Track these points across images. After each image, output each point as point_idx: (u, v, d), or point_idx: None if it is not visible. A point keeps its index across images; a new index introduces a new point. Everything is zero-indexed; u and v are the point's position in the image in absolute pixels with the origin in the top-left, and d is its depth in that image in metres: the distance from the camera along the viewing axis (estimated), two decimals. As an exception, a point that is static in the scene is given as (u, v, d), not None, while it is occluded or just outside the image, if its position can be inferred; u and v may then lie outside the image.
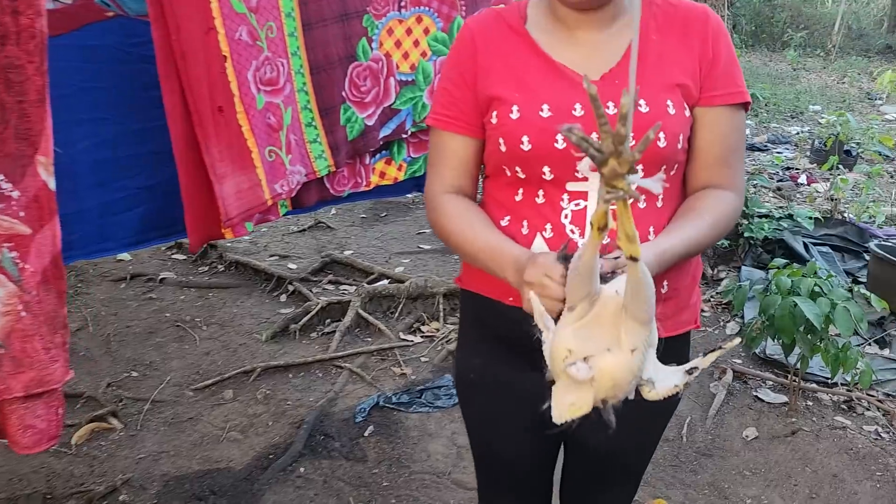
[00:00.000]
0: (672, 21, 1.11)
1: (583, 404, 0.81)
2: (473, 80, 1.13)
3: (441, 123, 1.17)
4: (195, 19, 1.76)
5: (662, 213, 1.10)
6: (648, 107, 1.05)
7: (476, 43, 1.14)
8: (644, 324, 0.81)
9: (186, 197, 1.89)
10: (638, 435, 1.26)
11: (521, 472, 1.31)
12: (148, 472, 2.23)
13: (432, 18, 2.29)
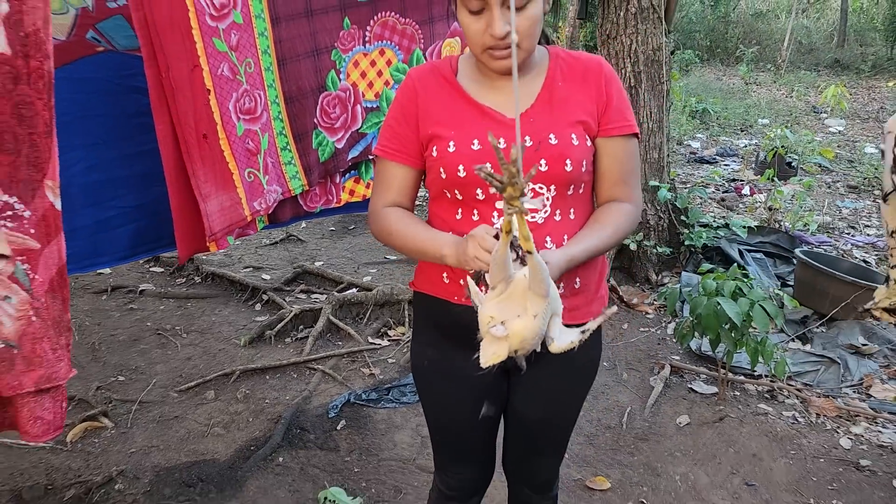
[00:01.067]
0: (574, 71, 1.39)
1: (501, 354, 1.08)
2: (415, 120, 1.40)
3: (385, 153, 1.43)
4: (183, 58, 2.00)
5: (575, 224, 1.38)
6: (557, 139, 1.33)
7: (417, 90, 1.40)
8: (542, 297, 1.08)
9: (175, 214, 2.12)
10: (561, 407, 1.53)
11: (469, 442, 1.58)
12: (140, 464, 2.45)
13: (394, 51, 2.56)
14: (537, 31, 1.31)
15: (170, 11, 1.92)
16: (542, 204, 1.32)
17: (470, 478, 1.63)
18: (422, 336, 1.54)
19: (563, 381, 1.48)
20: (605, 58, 4.04)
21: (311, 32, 2.32)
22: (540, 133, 1.33)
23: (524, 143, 1.31)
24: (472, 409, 1.51)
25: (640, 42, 3.90)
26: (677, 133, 8.28)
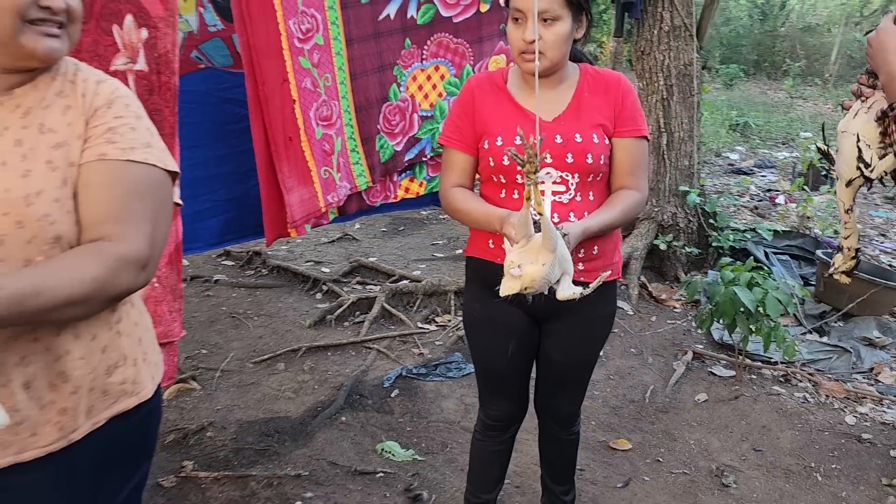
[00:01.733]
0: (598, 84, 1.78)
1: (515, 288, 1.44)
2: (472, 118, 1.79)
3: (449, 143, 1.83)
4: (275, 74, 2.41)
5: (594, 203, 1.76)
6: (581, 138, 1.71)
7: (475, 94, 1.81)
8: (550, 251, 1.43)
9: (265, 204, 2.53)
10: (579, 351, 1.90)
11: (508, 380, 1.95)
12: (225, 418, 2.87)
13: (447, 67, 2.95)
14: (563, 46, 1.69)
15: (266, 36, 2.34)
16: (546, 176, 1.72)
17: (507, 409, 2.00)
18: (471, 292, 1.93)
19: (581, 330, 1.85)
20: (639, 72, 4.40)
21: (378, 52, 2.72)
22: (568, 133, 1.71)
23: (555, 140, 1.70)
24: (507, 350, 1.88)
25: (671, 58, 4.23)
26: (716, 145, 8.51)
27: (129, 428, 1.24)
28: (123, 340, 1.22)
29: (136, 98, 1.26)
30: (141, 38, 1.96)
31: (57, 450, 1.13)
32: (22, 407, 1.09)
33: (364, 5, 2.60)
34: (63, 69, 1.19)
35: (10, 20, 1.06)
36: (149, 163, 1.15)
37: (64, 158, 1.11)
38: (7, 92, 1.13)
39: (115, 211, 1.11)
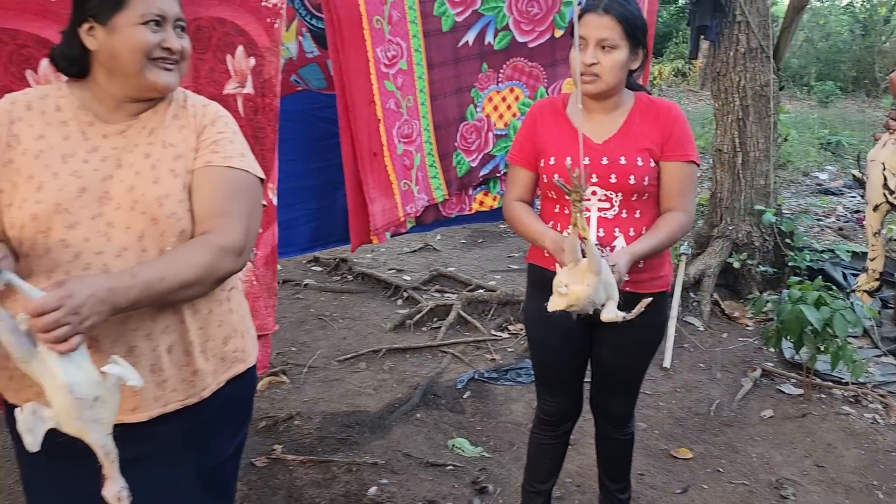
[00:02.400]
0: (650, 112, 1.93)
1: (561, 305, 1.61)
2: (533, 138, 1.99)
3: (514, 160, 2.04)
4: (363, 96, 2.66)
5: (640, 220, 1.91)
6: (626, 161, 1.87)
7: (536, 117, 2.01)
8: (595, 274, 1.59)
9: (351, 212, 2.78)
10: (629, 354, 2.05)
11: (561, 378, 2.11)
12: (311, 409, 3.14)
13: (521, 88, 3.14)
14: (619, 72, 1.85)
15: (356, 62, 2.59)
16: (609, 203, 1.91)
17: (560, 406, 2.16)
18: (530, 294, 2.11)
19: (631, 337, 1.97)
20: (714, 92, 4.46)
21: (457, 75, 2.94)
22: (613, 155, 1.88)
23: (601, 162, 1.87)
24: (560, 350, 2.05)
25: (747, 79, 4.28)
26: (804, 164, 8.32)
27: (239, 389, 1.50)
28: (234, 316, 1.48)
29: (233, 118, 1.53)
30: (249, 65, 2.25)
31: (191, 404, 1.40)
32: (166, 367, 1.35)
33: (445, 33, 2.82)
34: (175, 97, 1.47)
35: (139, 58, 1.33)
36: (244, 169, 1.42)
37: (183, 167, 1.38)
38: (135, 117, 1.41)
39: (218, 208, 1.37)
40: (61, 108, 1.37)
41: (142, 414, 1.34)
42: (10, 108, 1.36)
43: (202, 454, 1.46)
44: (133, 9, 1.32)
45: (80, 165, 1.33)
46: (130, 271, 1.22)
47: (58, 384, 1.11)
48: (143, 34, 1.32)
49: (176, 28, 1.38)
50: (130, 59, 1.33)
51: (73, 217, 1.29)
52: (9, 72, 1.82)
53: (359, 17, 2.53)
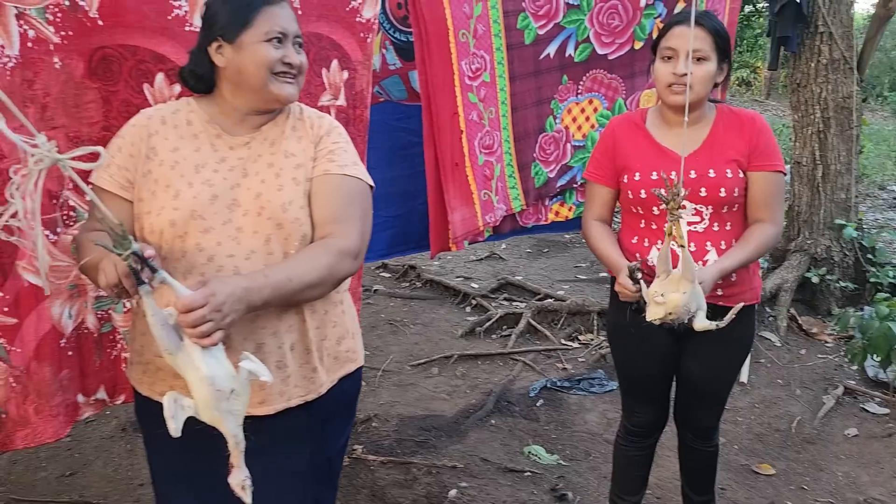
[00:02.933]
0: (733, 123, 1.93)
1: (659, 314, 1.64)
2: (613, 154, 2.00)
3: (592, 178, 2.06)
4: (447, 108, 2.72)
5: (730, 233, 1.91)
6: (715, 173, 1.87)
7: (616, 133, 2.02)
8: (689, 282, 1.62)
9: (431, 220, 2.84)
10: (717, 366, 2.04)
11: (650, 389, 2.12)
12: (387, 412, 3.21)
13: (600, 100, 3.16)
14: (708, 83, 1.87)
15: (442, 74, 2.65)
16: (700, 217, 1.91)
17: (649, 416, 2.16)
18: (617, 309, 2.08)
19: (719, 349, 1.99)
20: (794, 103, 4.38)
21: (537, 87, 2.98)
22: (702, 168, 1.88)
23: (689, 175, 1.88)
24: (650, 362, 2.05)
25: (829, 90, 4.19)
26: (880, 177, 8.06)
27: (349, 387, 1.57)
28: (346, 318, 1.55)
29: (343, 128, 1.61)
30: (343, 78, 2.34)
31: (310, 399, 1.47)
32: (289, 364, 1.43)
33: (527, 46, 2.87)
34: (292, 109, 1.56)
35: (264, 72, 1.42)
36: (357, 177, 1.49)
37: (303, 175, 1.46)
38: (257, 129, 1.50)
39: (336, 213, 1.44)
40: (192, 122, 1.47)
41: (268, 407, 1.43)
42: (147, 123, 1.47)
43: (315, 447, 1.54)
44: (258, 27, 1.41)
45: (211, 175, 1.42)
46: (263, 272, 1.30)
47: (200, 376, 1.19)
48: (266, 50, 1.41)
49: (295, 44, 1.47)
50: (256, 73, 1.41)
51: (206, 223, 1.38)
52: (129, 85, 1.94)
53: (446, 31, 2.59)
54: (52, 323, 1.92)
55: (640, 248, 1.96)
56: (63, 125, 1.87)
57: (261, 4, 1.41)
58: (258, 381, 1.26)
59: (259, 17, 1.41)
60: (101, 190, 1.44)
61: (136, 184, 1.44)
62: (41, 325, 1.92)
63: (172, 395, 1.23)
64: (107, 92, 1.91)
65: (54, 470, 2.73)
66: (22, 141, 1.01)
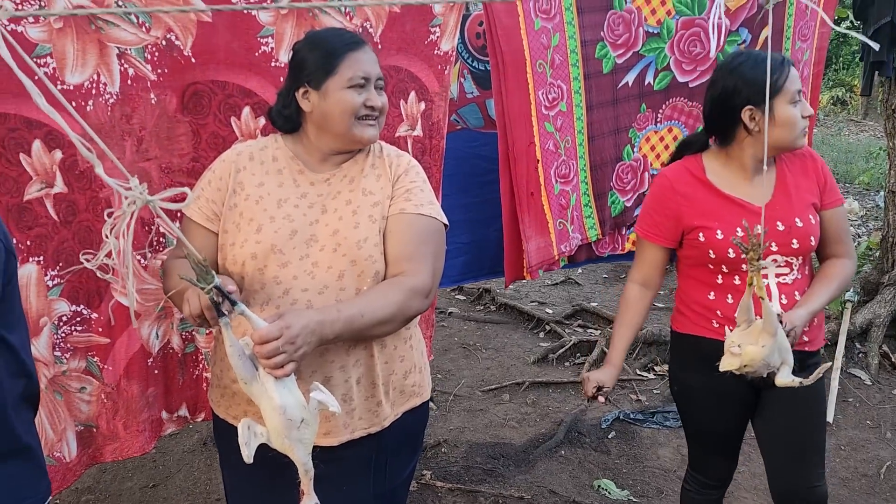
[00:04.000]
0: (795, 164, 1.86)
1: (734, 365, 1.57)
2: (675, 213, 1.85)
3: (646, 236, 1.93)
4: (523, 137, 2.73)
5: (808, 275, 1.84)
6: (802, 223, 1.78)
7: (675, 188, 1.87)
8: (771, 335, 1.53)
9: (506, 249, 2.85)
10: (804, 410, 1.89)
11: (727, 443, 2.01)
12: (457, 438, 3.22)
13: (680, 128, 3.11)
14: None
15: (519, 104, 2.67)
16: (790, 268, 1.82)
17: (725, 469, 2.07)
18: (686, 364, 2.01)
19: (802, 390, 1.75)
20: (889, 130, 4.18)
21: (615, 116, 2.96)
22: (787, 219, 1.78)
23: (776, 227, 1.79)
24: (728, 416, 1.96)
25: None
26: None
27: (414, 420, 1.59)
28: (414, 353, 1.58)
29: (420, 167, 1.64)
30: (420, 109, 2.39)
31: (374, 432, 1.51)
32: (355, 397, 1.47)
33: (605, 75, 2.85)
34: (372, 147, 1.60)
35: (348, 118, 1.48)
36: (432, 216, 1.52)
37: (379, 213, 1.50)
38: (338, 167, 1.56)
39: (410, 252, 1.47)
40: (277, 159, 1.55)
41: (333, 439, 1.47)
42: (236, 159, 1.55)
43: (379, 478, 1.57)
44: (342, 74, 1.46)
45: (292, 210, 1.48)
46: (336, 307, 1.35)
47: (273, 405, 1.23)
48: (350, 96, 1.46)
49: (377, 87, 1.51)
50: (340, 119, 1.47)
51: (285, 257, 1.44)
52: (217, 119, 2.05)
53: (523, 61, 2.61)
54: (141, 343, 2.03)
55: (723, 304, 1.84)
56: (156, 156, 1.98)
57: (345, 52, 1.47)
58: (326, 412, 1.30)
59: (343, 63, 1.46)
60: (190, 220, 1.54)
61: (222, 216, 1.52)
62: (131, 345, 2.03)
63: (246, 423, 1.27)
64: (197, 125, 2.01)
65: (139, 481, 2.87)
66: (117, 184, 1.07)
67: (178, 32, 1.93)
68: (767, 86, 1.44)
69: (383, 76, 1.59)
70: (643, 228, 1.94)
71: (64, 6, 1.73)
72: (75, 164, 1.86)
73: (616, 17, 2.78)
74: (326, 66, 1.46)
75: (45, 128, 1.79)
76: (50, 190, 1.83)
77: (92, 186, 1.90)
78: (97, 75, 1.83)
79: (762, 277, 1.78)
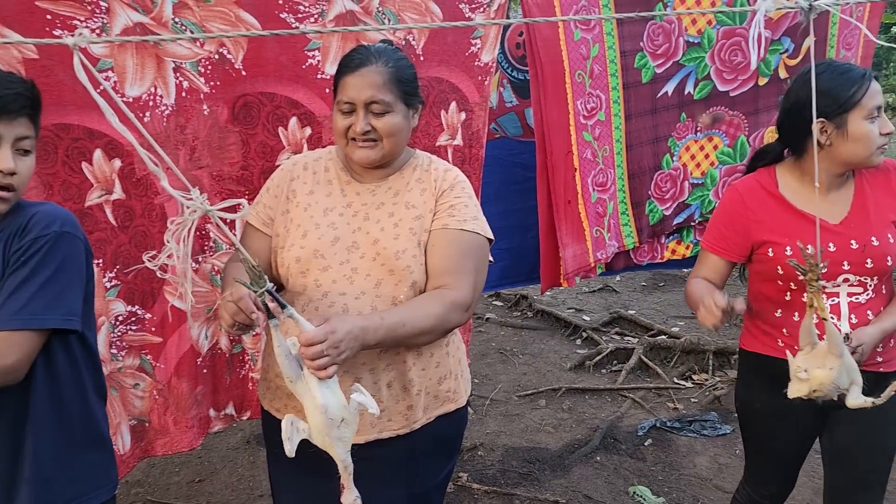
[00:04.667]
0: (877, 178, 1.78)
1: (802, 391, 1.53)
2: (745, 227, 1.79)
3: (712, 249, 1.87)
4: (561, 146, 2.75)
5: (885, 296, 1.77)
6: (878, 241, 1.71)
7: (746, 202, 1.81)
8: (837, 356, 1.50)
9: (543, 256, 2.87)
10: (875, 435, 1.82)
11: (788, 465, 1.97)
12: (493, 441, 3.26)
13: (721, 137, 3.10)
14: None
15: (557, 114, 2.69)
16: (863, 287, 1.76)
17: (783, 489, 2.03)
18: (751, 383, 1.96)
19: (878, 415, 1.67)
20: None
21: (654, 125, 2.96)
22: (863, 237, 1.71)
23: (850, 246, 1.73)
24: (791, 438, 1.91)
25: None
26: None
27: (449, 426, 1.64)
28: (450, 360, 1.63)
29: (469, 182, 1.68)
30: (460, 119, 2.44)
31: (403, 434, 1.56)
32: (385, 399, 1.53)
33: (645, 85, 2.87)
34: (419, 162, 1.66)
35: (342, 140, 1.56)
36: (475, 231, 1.57)
37: (420, 227, 1.55)
38: (384, 179, 1.62)
39: (451, 266, 1.53)
40: (328, 169, 1.64)
41: (359, 437, 1.52)
42: (291, 168, 1.65)
43: (413, 479, 1.62)
44: (337, 97, 1.55)
45: (337, 218, 1.55)
46: (379, 314, 1.41)
47: (316, 404, 1.30)
48: (338, 121, 1.54)
49: (372, 112, 1.52)
50: (337, 140, 1.58)
51: (326, 262, 1.51)
52: (266, 129, 2.12)
53: (562, 71, 2.63)
54: (191, 343, 2.12)
55: (790, 322, 1.79)
56: (208, 165, 2.07)
57: (342, 75, 1.54)
58: (370, 414, 1.35)
59: (339, 87, 1.55)
60: (249, 225, 1.64)
61: (276, 221, 1.61)
62: (182, 345, 2.12)
63: (290, 419, 1.34)
64: (246, 135, 2.09)
65: (186, 475, 2.97)
66: (180, 195, 1.15)
67: (230, 47, 2.01)
68: (814, 100, 1.39)
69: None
70: (710, 241, 1.89)
71: (124, 22, 1.83)
72: (132, 172, 1.95)
73: (656, 27, 2.80)
74: (335, 87, 1.56)
75: (105, 138, 1.89)
76: (109, 196, 1.93)
77: (147, 193, 1.99)
78: (154, 88, 1.92)
79: (833, 296, 1.75)
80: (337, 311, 1.48)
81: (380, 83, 1.51)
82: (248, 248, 1.63)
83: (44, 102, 1.40)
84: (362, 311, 1.49)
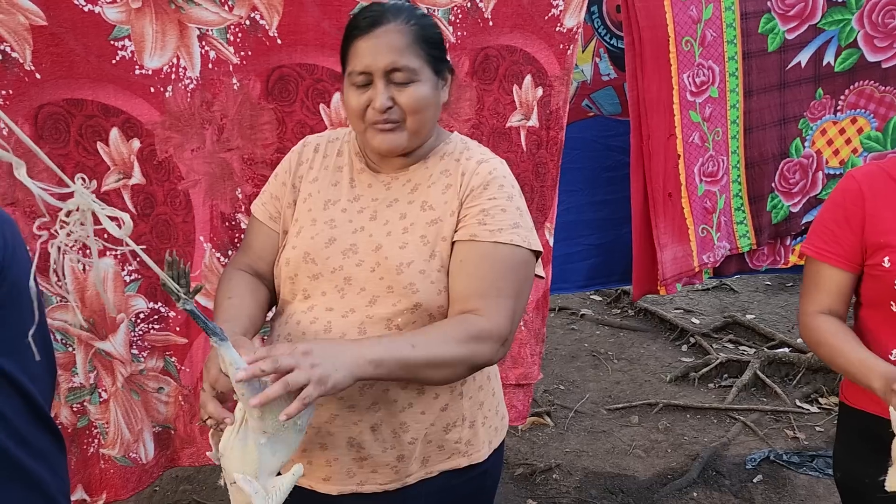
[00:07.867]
0: None
1: None
2: (860, 226, 1.38)
3: (819, 255, 1.43)
4: (662, 128, 2.35)
5: None
6: None
7: (864, 194, 1.39)
8: None
9: (635, 258, 2.49)
10: None
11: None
12: (572, 463, 2.91)
13: (867, 119, 2.56)
14: None
15: (657, 90, 2.29)
16: None
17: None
18: (853, 448, 1.52)
19: None
20: None
21: (781, 103, 2.48)
22: None
23: None
24: None
25: None
26: None
27: (460, 485, 1.30)
28: (464, 402, 1.28)
29: (513, 178, 1.32)
30: (536, 96, 2.09)
31: (392, 489, 1.24)
32: (367, 446, 1.22)
33: (771, 54, 2.39)
34: (451, 149, 1.31)
35: (358, 123, 1.24)
36: (514, 244, 1.20)
37: (436, 234, 1.22)
38: (404, 169, 1.29)
39: (483, 288, 1.19)
40: (342, 153, 1.35)
41: (332, 486, 1.24)
42: (301, 150, 1.38)
43: None
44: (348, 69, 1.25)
45: (338, 214, 1.28)
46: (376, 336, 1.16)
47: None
48: (352, 99, 1.23)
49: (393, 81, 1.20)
50: (352, 125, 1.29)
51: (317, 268, 1.24)
52: (305, 106, 1.88)
53: (665, 38, 2.24)
54: (217, 346, 1.92)
55: None
56: (238, 146, 1.86)
57: (352, 39, 1.22)
58: (327, 456, 1.20)
59: (349, 55, 1.23)
60: (255, 219, 1.39)
61: (283, 214, 1.35)
62: (208, 347, 1.93)
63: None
64: (282, 113, 1.87)
65: (236, 475, 2.83)
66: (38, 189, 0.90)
67: (264, 11, 1.79)
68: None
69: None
70: (815, 245, 1.45)
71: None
72: (153, 154, 1.78)
73: (788, -18, 2.32)
74: (342, 57, 1.25)
75: (122, 115, 1.73)
76: (128, 181, 1.77)
77: (170, 178, 1.81)
78: (177, 59, 1.75)
79: None
80: (317, 332, 1.20)
81: (401, 45, 1.19)
82: (252, 246, 1.40)
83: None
84: (347, 333, 1.19)
